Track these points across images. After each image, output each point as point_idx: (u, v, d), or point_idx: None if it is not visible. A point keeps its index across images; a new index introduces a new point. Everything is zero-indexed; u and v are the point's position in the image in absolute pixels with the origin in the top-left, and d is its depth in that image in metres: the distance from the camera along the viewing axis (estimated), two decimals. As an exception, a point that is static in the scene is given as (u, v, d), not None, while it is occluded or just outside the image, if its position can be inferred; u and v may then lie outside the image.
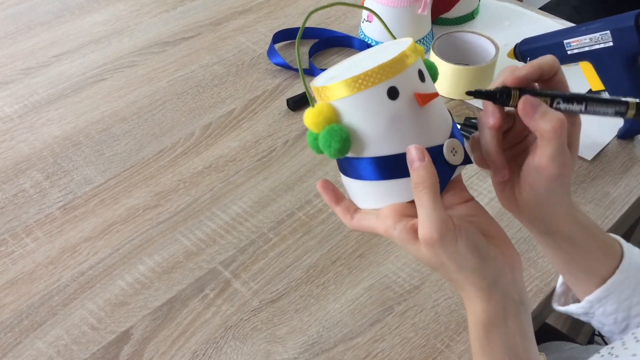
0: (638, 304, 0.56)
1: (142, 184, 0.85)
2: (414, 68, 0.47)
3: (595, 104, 0.47)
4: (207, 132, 0.92)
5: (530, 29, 1.06)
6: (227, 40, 1.09)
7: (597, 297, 0.56)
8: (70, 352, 0.68)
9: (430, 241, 0.44)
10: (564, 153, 0.46)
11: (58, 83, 1.01)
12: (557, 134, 0.45)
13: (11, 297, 0.72)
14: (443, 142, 0.48)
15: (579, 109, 0.47)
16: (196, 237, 0.78)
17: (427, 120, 0.48)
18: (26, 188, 0.85)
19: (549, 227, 0.52)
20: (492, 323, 0.47)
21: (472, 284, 0.46)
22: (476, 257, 0.45)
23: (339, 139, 0.46)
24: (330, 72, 0.52)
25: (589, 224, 0.54)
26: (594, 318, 0.59)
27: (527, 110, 0.45)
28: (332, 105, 0.47)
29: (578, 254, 0.55)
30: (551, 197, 0.49)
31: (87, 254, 0.77)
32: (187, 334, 0.69)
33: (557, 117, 0.45)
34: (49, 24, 1.13)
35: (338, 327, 0.69)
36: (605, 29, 0.81)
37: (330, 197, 0.51)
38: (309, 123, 0.47)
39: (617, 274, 0.55)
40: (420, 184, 0.45)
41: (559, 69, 0.49)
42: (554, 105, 0.47)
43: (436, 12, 1.08)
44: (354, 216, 0.50)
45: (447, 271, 0.47)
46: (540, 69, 0.48)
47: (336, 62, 1.04)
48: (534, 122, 0.45)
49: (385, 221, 0.48)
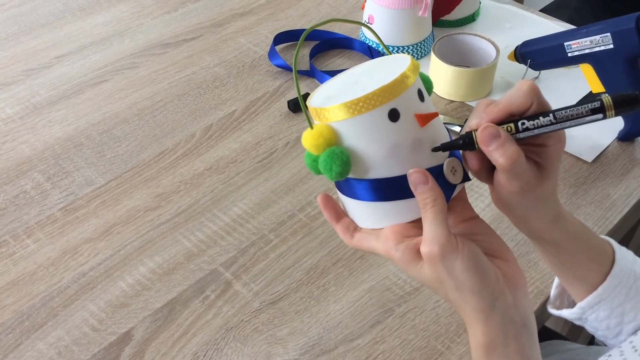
0: (631, 310, 0.56)
1: (143, 186, 0.85)
2: (413, 88, 0.47)
3: (564, 111, 0.44)
4: (208, 133, 0.92)
5: (531, 31, 1.06)
6: (228, 42, 1.09)
7: (588, 303, 0.56)
8: (71, 353, 0.68)
9: (431, 255, 0.44)
10: (520, 178, 0.45)
11: (59, 84, 1.01)
12: (506, 169, 0.44)
13: (12, 298, 0.73)
14: (443, 161, 0.48)
15: (549, 122, 0.45)
16: (197, 239, 0.78)
17: (427, 140, 0.48)
18: (27, 189, 0.85)
19: (532, 233, 0.52)
20: (492, 346, 0.46)
21: (469, 304, 0.46)
22: (475, 278, 0.45)
23: (340, 163, 0.46)
24: (327, 89, 0.51)
25: (577, 232, 0.53)
26: (587, 323, 0.59)
27: (484, 140, 0.45)
28: (331, 127, 0.47)
29: (567, 261, 0.55)
30: (525, 211, 0.49)
31: (88, 255, 0.77)
32: (188, 335, 0.69)
33: (510, 152, 0.44)
34: (50, 26, 1.13)
35: (338, 328, 0.69)
36: (605, 31, 0.81)
37: (330, 214, 0.51)
38: (309, 145, 0.47)
39: (608, 280, 0.55)
40: (428, 204, 0.45)
41: (534, 99, 0.45)
42: (520, 128, 0.45)
43: (437, 14, 1.09)
44: (354, 235, 0.50)
45: (446, 289, 0.46)
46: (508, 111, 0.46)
47: (337, 64, 1.04)
48: (489, 153, 0.45)
49: (386, 242, 0.48)
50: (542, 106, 0.46)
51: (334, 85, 0.51)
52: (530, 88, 0.45)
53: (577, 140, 0.88)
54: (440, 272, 0.45)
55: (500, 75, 0.99)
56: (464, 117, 0.93)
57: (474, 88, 0.94)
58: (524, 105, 0.46)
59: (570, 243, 0.53)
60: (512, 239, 0.77)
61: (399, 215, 0.49)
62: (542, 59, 0.90)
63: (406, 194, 0.47)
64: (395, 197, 0.48)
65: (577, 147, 0.87)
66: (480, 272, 0.45)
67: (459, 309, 0.48)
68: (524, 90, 0.45)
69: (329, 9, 1.15)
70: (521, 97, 0.45)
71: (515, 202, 0.48)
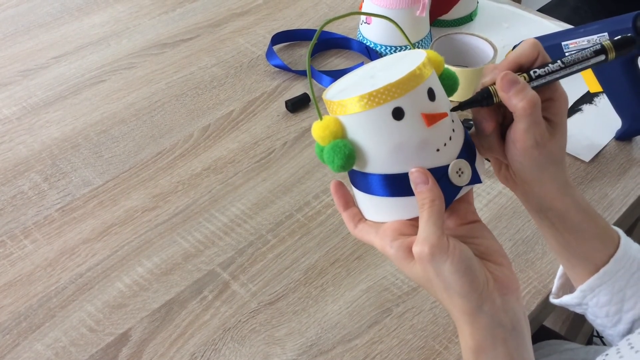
0: (631, 297, 0.56)
1: (140, 186, 0.85)
2: (423, 87, 0.46)
3: (570, 56, 0.49)
4: (206, 133, 0.92)
5: (529, 31, 1.06)
6: (225, 42, 1.09)
7: (589, 286, 0.56)
8: (68, 354, 0.67)
9: (421, 255, 0.45)
10: (537, 127, 0.48)
11: (56, 85, 1.01)
12: (527, 112, 0.47)
13: (9, 299, 0.72)
14: (450, 162, 0.48)
15: (558, 67, 0.48)
16: (195, 239, 0.78)
17: (434, 140, 0.47)
18: (25, 190, 0.85)
19: (542, 203, 0.53)
20: (480, 349, 0.47)
21: (456, 306, 0.47)
22: (463, 280, 0.45)
23: (342, 156, 0.47)
24: (345, 81, 0.52)
25: (587, 207, 0.54)
26: (588, 310, 0.59)
27: (504, 86, 0.47)
28: (339, 119, 0.48)
29: (573, 237, 0.55)
30: (538, 172, 0.50)
31: (86, 256, 0.77)
32: (186, 336, 0.69)
33: (529, 96, 0.47)
34: (47, 26, 1.13)
35: (336, 328, 0.69)
36: (603, 30, 0.81)
37: (340, 201, 0.53)
38: (316, 136, 0.48)
39: (610, 263, 0.55)
40: (425, 204, 0.46)
41: (539, 52, 0.50)
42: (533, 76, 0.48)
43: (434, 14, 1.09)
44: (357, 225, 0.52)
45: (435, 289, 0.47)
46: (518, 62, 0.50)
47: (335, 64, 1.04)
48: (508, 99, 0.47)
49: (383, 238, 0.49)
50: (544, 58, 0.50)
51: (352, 78, 0.52)
52: (534, 42, 0.50)
53: (575, 139, 0.88)
54: (429, 272, 0.46)
55: (498, 75, 0.98)
56: (462, 117, 0.93)
57: (471, 88, 0.94)
58: (531, 56, 0.49)
59: (579, 215, 0.53)
60: (510, 239, 0.77)
61: (404, 211, 0.49)
62: (539, 59, 0.90)
63: (410, 192, 0.47)
64: (399, 194, 0.48)
65: (574, 146, 0.87)
66: (468, 275, 0.45)
67: (448, 310, 0.48)
68: (529, 43, 0.50)
69: (327, 9, 1.15)
70: (527, 49, 0.49)
71: (530, 160, 0.49)
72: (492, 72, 0.49)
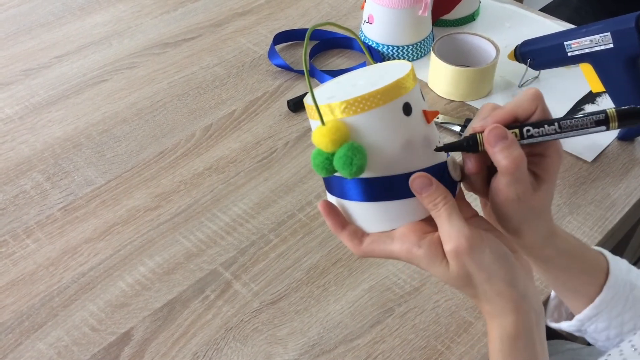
0: (630, 320, 0.56)
1: (142, 185, 0.85)
2: (418, 87, 0.48)
3: (568, 121, 0.46)
4: (208, 133, 0.92)
5: (531, 31, 1.06)
6: (227, 41, 1.09)
7: (586, 315, 0.56)
8: (70, 353, 0.68)
9: (458, 250, 0.44)
10: (520, 184, 0.46)
11: (59, 84, 1.01)
12: (509, 171, 0.45)
13: (12, 298, 0.72)
14: (445, 158, 0.48)
15: (553, 130, 0.46)
16: (197, 239, 0.78)
17: (433, 137, 0.48)
18: (27, 189, 0.85)
19: (524, 249, 0.52)
20: (520, 335, 0.46)
21: (501, 294, 0.45)
22: (506, 267, 0.45)
23: (361, 156, 0.44)
24: (325, 90, 0.50)
25: (570, 248, 0.53)
26: (587, 334, 0.59)
27: (490, 140, 0.45)
28: (345, 122, 0.45)
29: (561, 275, 0.55)
30: (519, 224, 0.48)
31: (88, 255, 0.77)
32: (188, 336, 0.69)
33: (514, 155, 0.44)
34: (49, 25, 1.13)
35: (338, 328, 0.69)
36: (605, 30, 0.81)
37: (335, 221, 0.49)
38: (324, 141, 0.44)
39: (604, 292, 0.55)
40: (439, 203, 0.45)
41: (539, 105, 0.47)
42: (525, 135, 0.46)
43: (437, 13, 1.08)
44: (363, 241, 0.48)
45: (476, 283, 0.45)
46: (514, 114, 0.47)
47: (336, 63, 1.04)
48: (493, 154, 0.45)
49: (405, 241, 0.46)
50: (544, 111, 0.47)
51: (331, 87, 0.50)
52: (535, 93, 0.47)
53: (577, 139, 0.88)
54: (469, 266, 0.44)
55: (500, 75, 0.98)
56: (464, 117, 0.93)
57: (473, 88, 0.94)
58: (529, 109, 0.47)
59: (562, 260, 0.53)
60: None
61: (413, 212, 0.48)
62: (542, 59, 0.90)
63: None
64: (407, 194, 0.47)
65: (577, 146, 0.87)
66: (507, 260, 0.45)
67: (487, 301, 0.46)
68: (530, 94, 0.47)
69: (329, 8, 1.15)
70: (526, 101, 0.47)
71: (511, 211, 0.47)
72: (485, 119, 0.47)
